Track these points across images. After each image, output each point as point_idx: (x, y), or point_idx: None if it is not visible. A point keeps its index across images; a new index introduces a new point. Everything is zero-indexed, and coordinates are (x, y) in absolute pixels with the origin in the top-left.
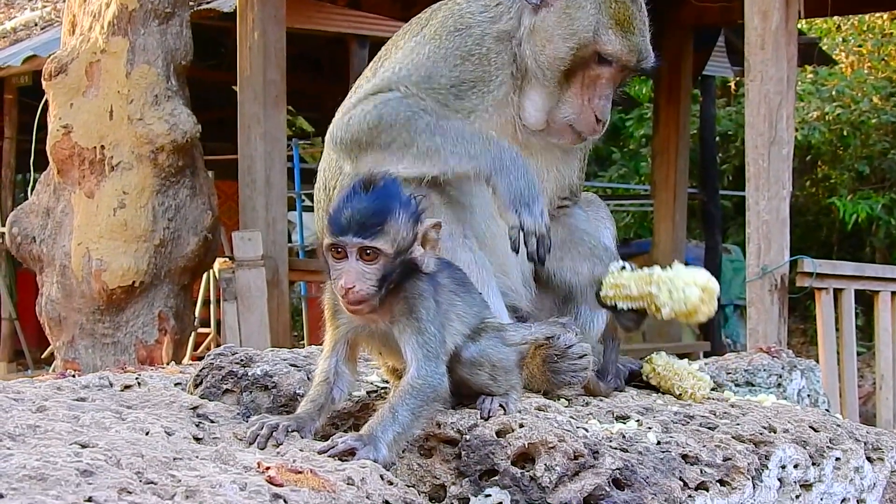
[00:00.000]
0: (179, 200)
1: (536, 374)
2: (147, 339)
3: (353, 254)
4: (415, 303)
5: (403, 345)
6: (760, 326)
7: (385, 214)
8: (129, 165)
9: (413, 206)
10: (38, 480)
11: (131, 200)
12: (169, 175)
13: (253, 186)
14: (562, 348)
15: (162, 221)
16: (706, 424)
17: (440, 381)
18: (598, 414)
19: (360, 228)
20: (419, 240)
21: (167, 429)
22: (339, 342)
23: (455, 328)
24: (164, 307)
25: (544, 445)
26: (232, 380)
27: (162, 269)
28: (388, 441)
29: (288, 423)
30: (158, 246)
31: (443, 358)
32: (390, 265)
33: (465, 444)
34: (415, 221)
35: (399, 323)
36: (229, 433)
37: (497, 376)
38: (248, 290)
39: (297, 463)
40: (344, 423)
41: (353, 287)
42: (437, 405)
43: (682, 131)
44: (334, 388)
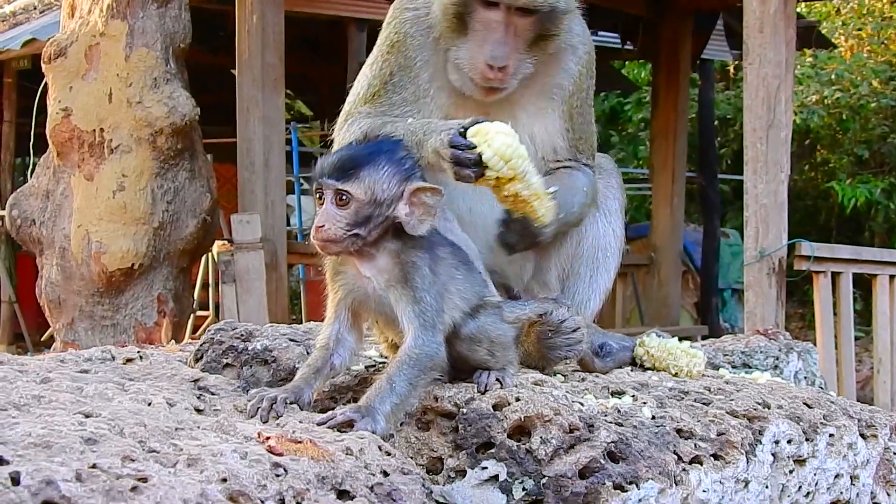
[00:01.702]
0: (178, 183)
1: (532, 351)
2: (146, 321)
3: (328, 196)
4: (409, 270)
5: (400, 314)
6: (758, 309)
7: (363, 162)
8: (129, 148)
9: (404, 164)
10: (44, 448)
11: (130, 183)
12: (168, 158)
13: (251, 169)
14: (555, 323)
15: (161, 204)
16: (701, 400)
17: (437, 350)
18: (593, 389)
19: (336, 171)
20: (406, 200)
21: (169, 400)
22: (340, 308)
23: (454, 303)
24: (163, 289)
25: (540, 419)
26: (232, 354)
27: (161, 251)
28: (385, 412)
29: (286, 395)
30: (157, 229)
31: (439, 328)
32: (364, 213)
33: (463, 417)
34: (402, 179)
35: (394, 290)
36: (230, 405)
37: (495, 352)
38: (246, 272)
39: (296, 433)
40: (343, 397)
41: (323, 226)
42: (435, 374)
43: (681, 115)
44: (334, 354)
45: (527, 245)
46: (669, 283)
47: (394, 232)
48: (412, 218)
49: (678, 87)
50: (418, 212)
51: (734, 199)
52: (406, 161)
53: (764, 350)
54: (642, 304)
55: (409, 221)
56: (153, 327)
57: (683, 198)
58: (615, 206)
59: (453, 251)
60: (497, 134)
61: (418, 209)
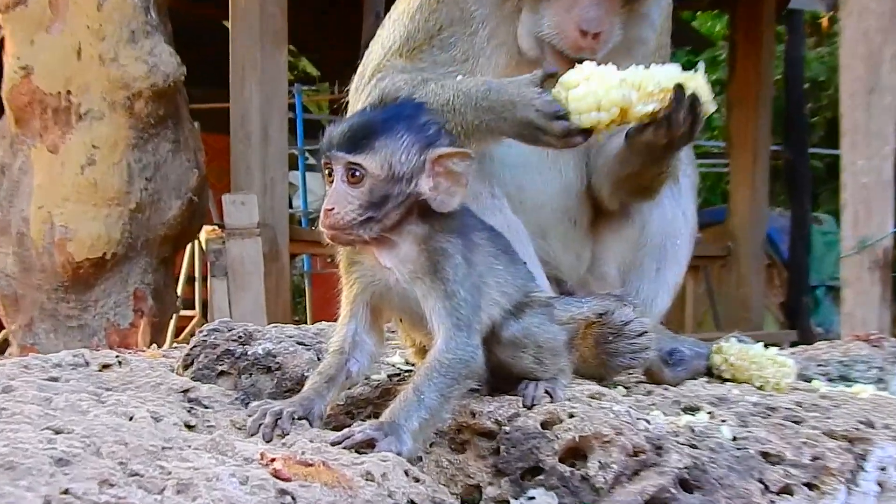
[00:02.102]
0: (160, 156)
1: (589, 358)
2: (120, 321)
3: (339, 172)
4: (439, 260)
5: (428, 311)
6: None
7: (378, 130)
8: (100, 115)
9: (427, 130)
10: (7, 469)
11: (102, 156)
12: (147, 126)
13: (247, 141)
14: (617, 326)
15: (139, 181)
16: (791, 418)
17: (473, 354)
18: (662, 404)
19: (346, 142)
20: (429, 171)
21: (154, 414)
22: (357, 304)
23: (493, 298)
24: (140, 284)
25: (598, 439)
26: (228, 360)
27: (138, 238)
28: (412, 429)
29: (293, 409)
30: (134, 211)
31: (476, 328)
32: (381, 192)
33: (505, 437)
34: (423, 147)
35: (422, 283)
36: (226, 420)
37: (543, 359)
38: (240, 264)
39: (306, 455)
40: (361, 412)
41: (333, 209)
42: (471, 383)
43: (764, 77)
44: (351, 359)
45: (680, 142)
46: (750, 279)
47: (419, 212)
48: (438, 192)
49: (760, 42)
50: (445, 183)
51: (828, 178)
52: (429, 127)
53: (866, 359)
54: (717, 305)
55: (435, 197)
56: (128, 329)
57: (767, 176)
58: (685, 184)
59: (492, 237)
60: (588, 81)
61: (445, 180)
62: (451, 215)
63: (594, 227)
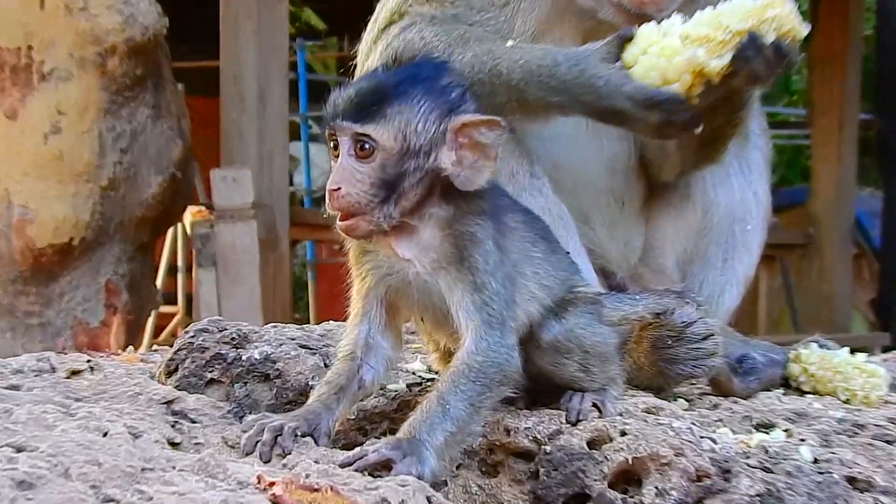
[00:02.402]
0: (137, 124)
1: (644, 365)
2: (89, 319)
3: (345, 145)
4: (466, 246)
5: (454, 307)
6: None
7: (391, 94)
8: (67, 74)
9: (448, 94)
10: None
11: (69, 123)
12: (123, 88)
13: (241, 106)
14: (678, 328)
15: (112, 153)
16: (882, 437)
17: (507, 356)
18: (730, 420)
19: (353, 110)
20: (451, 142)
21: (132, 429)
22: (370, 301)
23: (530, 291)
24: (113, 275)
25: (655, 461)
26: (219, 366)
27: (111, 220)
28: (436, 445)
29: (296, 424)
30: (107, 188)
31: (510, 326)
32: (394, 168)
33: (545, 457)
34: (444, 114)
35: (446, 274)
36: (217, 437)
37: (590, 366)
38: (232, 252)
39: (311, 478)
40: (375, 428)
41: (339, 189)
42: (505, 390)
43: (852, 32)
44: (363, 365)
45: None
46: (835, 271)
47: (442, 192)
48: (462, 167)
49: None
50: (470, 157)
51: None
52: (451, 90)
53: None
54: (796, 302)
55: (458, 173)
56: (99, 329)
57: (856, 150)
58: (757, 158)
59: (528, 220)
60: (645, 55)
61: (470, 153)
62: (479, 195)
63: (647, 209)
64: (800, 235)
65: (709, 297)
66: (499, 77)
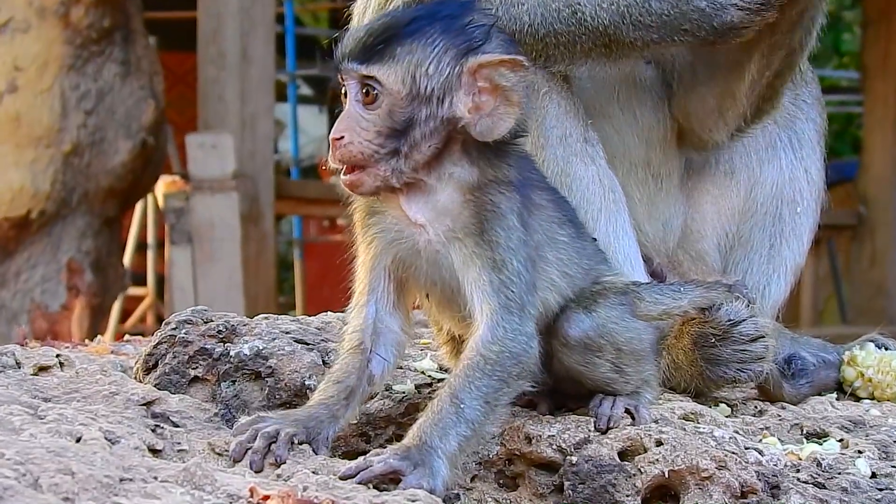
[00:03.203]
0: (103, 82)
1: (684, 364)
2: (49, 302)
3: (352, 90)
4: (488, 217)
5: (469, 286)
6: None
7: (402, 33)
8: (25, 25)
9: (469, 34)
10: None
11: (27, 81)
12: (88, 42)
13: (220, 62)
14: (723, 326)
15: (76, 115)
16: None
17: (526, 345)
18: (778, 429)
19: (361, 50)
20: (468, 86)
21: (108, 433)
22: (376, 275)
23: (550, 279)
24: (76, 253)
25: (695, 475)
26: (204, 362)
27: (74, 191)
28: (449, 452)
29: (293, 431)
30: (69, 154)
31: (530, 312)
32: (403, 114)
33: (571, 470)
34: (460, 54)
35: (461, 246)
36: (202, 444)
37: (623, 366)
38: (209, 228)
39: (310, 491)
40: (380, 433)
41: (342, 138)
42: (523, 384)
43: None
44: (373, 357)
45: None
46: (888, 255)
47: (463, 149)
48: (481, 114)
49: None
50: (490, 102)
51: None
52: (473, 29)
53: None
54: (844, 290)
55: (475, 121)
56: (60, 313)
57: None
58: (808, 131)
59: (557, 200)
60: None
61: (490, 98)
62: (508, 161)
63: (686, 187)
64: (849, 215)
65: (753, 288)
66: (582, 24)
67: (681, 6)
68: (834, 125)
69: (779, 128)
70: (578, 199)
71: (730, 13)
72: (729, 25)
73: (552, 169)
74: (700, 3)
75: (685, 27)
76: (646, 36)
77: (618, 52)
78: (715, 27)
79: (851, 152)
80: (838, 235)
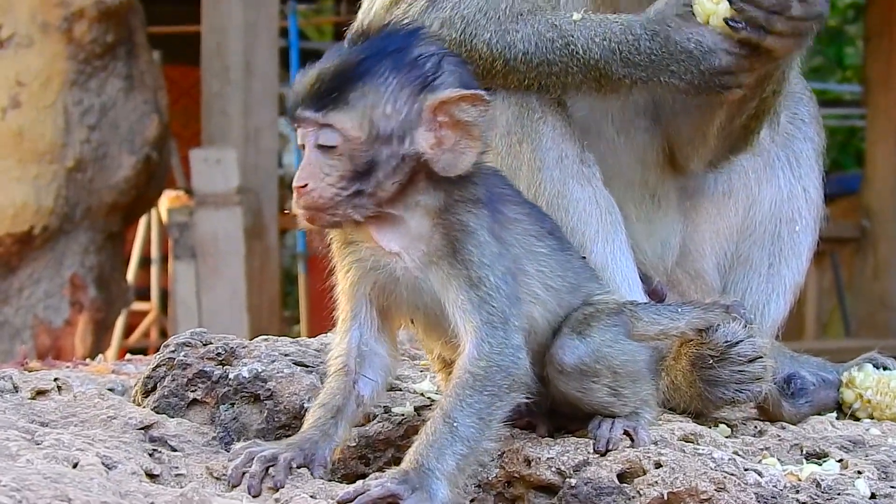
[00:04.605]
0: (107, 97)
1: (682, 385)
2: (52, 318)
3: (310, 137)
4: (459, 237)
5: (451, 308)
6: None
7: (353, 75)
8: (29, 40)
9: (421, 68)
10: None
11: (31, 96)
12: (91, 57)
13: (224, 76)
14: (721, 347)
15: (79, 131)
16: None
17: (514, 358)
18: (778, 449)
19: (314, 96)
20: (428, 122)
21: (106, 459)
22: (358, 301)
23: (532, 292)
24: (79, 268)
25: (694, 496)
26: (203, 385)
27: (77, 206)
28: (448, 472)
29: (290, 455)
30: (73, 170)
31: (515, 324)
32: (364, 158)
33: (570, 492)
34: (416, 91)
35: (437, 269)
36: (200, 468)
37: (620, 388)
38: (213, 242)
39: None
40: (379, 456)
41: (305, 186)
42: (517, 396)
43: None
44: (359, 379)
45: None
46: (892, 268)
47: (428, 177)
48: (443, 151)
49: None
50: (452, 137)
51: None
52: (424, 62)
53: None
54: (847, 303)
55: (437, 157)
56: (63, 329)
57: None
58: (806, 150)
59: (533, 214)
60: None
61: (452, 133)
62: (473, 181)
63: (684, 207)
64: (852, 228)
65: (752, 308)
66: (574, 56)
67: (669, 47)
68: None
69: (777, 147)
70: (576, 221)
71: (718, 56)
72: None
73: (549, 190)
74: (688, 45)
75: (672, 68)
76: (634, 74)
77: (607, 87)
78: (702, 70)
79: (854, 165)
80: (841, 248)
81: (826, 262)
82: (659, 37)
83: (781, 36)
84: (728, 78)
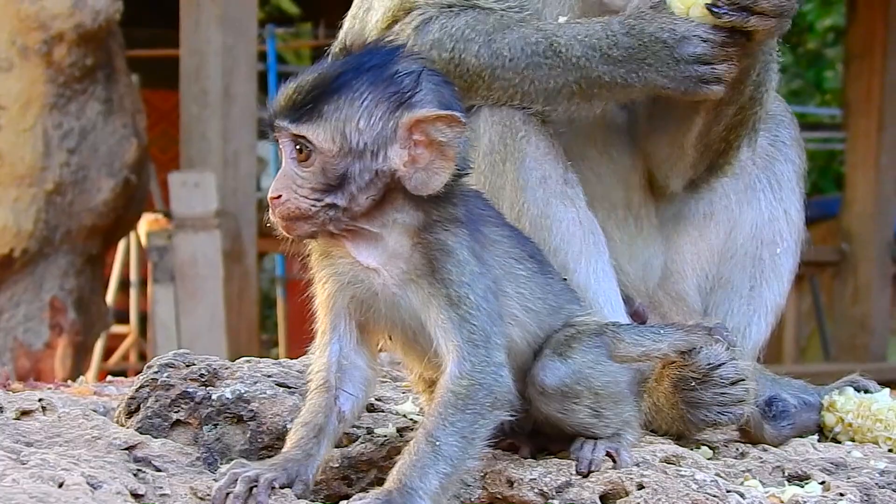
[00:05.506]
0: (86, 121)
1: (664, 406)
2: (32, 341)
3: (286, 148)
4: (436, 256)
5: (432, 327)
6: None
7: (329, 89)
8: (8, 64)
9: (398, 85)
10: None
11: (10, 119)
12: (70, 80)
13: (203, 100)
14: (703, 369)
15: (58, 154)
16: None
17: (496, 376)
18: (759, 471)
19: (290, 108)
20: (403, 140)
21: (90, 479)
22: (336, 314)
23: (511, 313)
24: (59, 291)
25: None
26: (186, 406)
27: (57, 230)
28: (431, 491)
29: (273, 475)
30: (52, 193)
31: (497, 342)
32: (336, 171)
33: None
34: (392, 108)
35: (417, 287)
36: (185, 488)
37: (602, 409)
38: (192, 266)
39: None
40: (362, 477)
41: (279, 196)
42: (501, 414)
43: (893, 25)
44: (340, 394)
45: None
46: (871, 292)
47: (406, 196)
48: (416, 169)
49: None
50: (426, 156)
51: None
52: (401, 79)
53: None
54: (827, 326)
55: (409, 175)
56: (43, 352)
57: None
58: (787, 172)
59: (514, 236)
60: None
61: (426, 152)
62: (452, 200)
63: (665, 229)
64: (832, 252)
65: (734, 330)
66: (557, 56)
67: (644, 39)
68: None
69: (758, 169)
70: (559, 241)
71: (692, 43)
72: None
73: (532, 211)
74: (662, 35)
75: (649, 61)
76: (614, 71)
77: (589, 91)
78: (676, 59)
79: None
80: (821, 272)
81: (805, 286)
82: (634, 30)
83: (764, 15)
84: (705, 69)
